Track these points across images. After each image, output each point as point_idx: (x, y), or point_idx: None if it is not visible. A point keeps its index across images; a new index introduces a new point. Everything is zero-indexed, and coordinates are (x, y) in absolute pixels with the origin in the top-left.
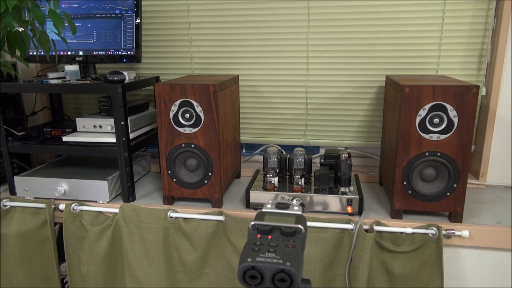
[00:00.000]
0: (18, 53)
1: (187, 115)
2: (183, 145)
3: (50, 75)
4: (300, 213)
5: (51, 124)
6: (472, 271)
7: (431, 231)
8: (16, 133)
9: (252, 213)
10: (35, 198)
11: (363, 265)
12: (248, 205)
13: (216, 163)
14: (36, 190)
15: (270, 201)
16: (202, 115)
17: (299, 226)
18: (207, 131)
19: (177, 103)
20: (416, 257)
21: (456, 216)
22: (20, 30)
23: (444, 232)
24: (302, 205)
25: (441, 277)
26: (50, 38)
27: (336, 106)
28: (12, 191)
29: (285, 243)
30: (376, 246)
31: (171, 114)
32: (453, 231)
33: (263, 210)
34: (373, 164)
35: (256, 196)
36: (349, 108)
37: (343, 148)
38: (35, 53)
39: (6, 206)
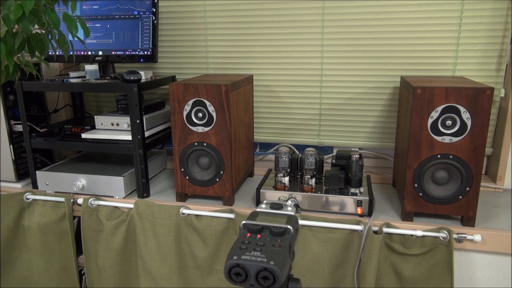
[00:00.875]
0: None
1: (200, 114)
2: (196, 144)
3: (71, 74)
4: (292, 213)
5: (72, 121)
6: (485, 277)
7: (442, 234)
8: (39, 129)
9: None
10: (56, 192)
11: (371, 266)
12: (258, 203)
13: (228, 161)
14: (56, 184)
15: (265, 201)
16: (214, 114)
17: (288, 226)
18: (219, 130)
19: (190, 102)
20: (426, 260)
21: (468, 220)
22: (40, 32)
23: (455, 236)
24: (296, 205)
25: (451, 281)
26: (68, 40)
27: (350, 106)
28: (34, 185)
29: (272, 243)
30: (385, 248)
31: (184, 113)
32: (465, 235)
33: (257, 210)
34: (387, 165)
35: (267, 195)
36: (363, 109)
37: (357, 149)
38: (52, 53)
39: (29, 199)
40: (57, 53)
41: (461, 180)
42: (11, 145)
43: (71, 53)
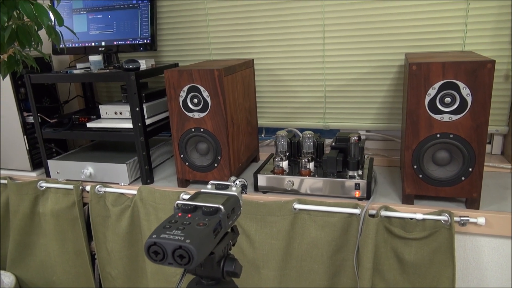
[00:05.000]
0: (39, 46)
1: (195, 100)
2: (193, 130)
3: (78, 65)
4: (234, 193)
5: (81, 112)
6: (492, 261)
7: (443, 217)
8: (49, 120)
9: (259, 196)
10: (66, 180)
11: (368, 250)
12: (256, 188)
13: (225, 147)
14: (67, 172)
15: (211, 182)
16: (209, 100)
17: (219, 206)
18: (214, 115)
19: (185, 88)
20: (427, 244)
21: (472, 202)
22: (28, 24)
23: (457, 219)
24: (244, 186)
25: (453, 265)
26: (59, 31)
27: (355, 87)
28: (47, 174)
29: (197, 222)
30: (385, 232)
31: (180, 100)
32: (468, 218)
33: (201, 190)
34: (395, 148)
35: (265, 179)
36: (369, 89)
37: (364, 131)
38: (56, 46)
39: (42, 187)
40: (58, 46)
41: (463, 160)
42: (25, 136)
43: (63, 44)
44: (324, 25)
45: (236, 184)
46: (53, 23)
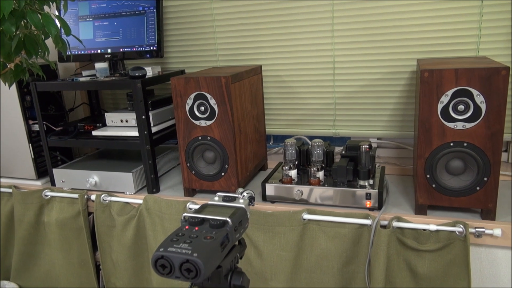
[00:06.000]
0: (46, 55)
1: (202, 108)
2: (200, 138)
3: (84, 73)
4: (241, 206)
5: (87, 119)
6: (509, 274)
7: (458, 228)
8: (55, 128)
9: (267, 206)
10: (72, 189)
11: (379, 262)
12: (264, 198)
13: (232, 155)
14: (72, 181)
15: (218, 194)
16: (216, 107)
17: (226, 219)
18: (221, 123)
19: (192, 96)
20: (442, 256)
21: (488, 213)
22: (35, 33)
23: (472, 230)
24: (251, 198)
25: (468, 279)
26: (66, 40)
27: (366, 93)
28: (52, 182)
29: (205, 235)
30: (398, 244)
31: (187, 107)
32: (483, 230)
33: (209, 202)
34: (408, 156)
35: (273, 188)
36: (380, 96)
37: (375, 139)
38: (62, 54)
39: (47, 196)
40: (64, 54)
41: (478, 169)
42: (30, 144)
43: (69, 52)
44: (334, 30)
45: (244, 196)
46: (60, 33)
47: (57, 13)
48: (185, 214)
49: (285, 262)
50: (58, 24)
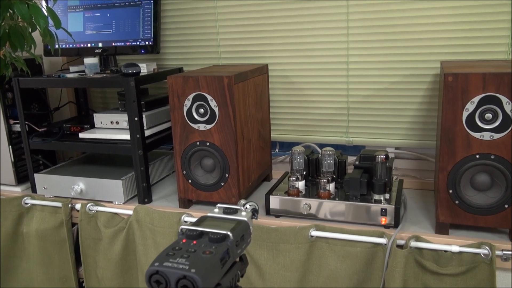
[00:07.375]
0: (32, 49)
1: (201, 110)
2: (198, 143)
3: (71, 68)
4: (244, 219)
5: (73, 120)
6: None
7: (483, 250)
8: (38, 129)
9: (271, 221)
10: (54, 196)
11: (395, 286)
12: (268, 211)
13: (233, 163)
14: (55, 188)
15: (219, 205)
16: (216, 110)
17: (227, 232)
18: (222, 128)
19: (190, 97)
20: (464, 281)
21: None
22: (21, 25)
23: (499, 253)
24: (254, 210)
25: None
26: (54, 32)
27: (383, 98)
28: (34, 189)
29: (204, 250)
30: (416, 266)
31: (185, 109)
32: (511, 252)
33: (208, 214)
34: (429, 168)
35: (278, 201)
36: (399, 101)
37: (393, 149)
38: (49, 47)
39: (27, 204)
40: (52, 48)
41: (506, 185)
42: (10, 146)
43: (57, 46)
44: (349, 28)
45: (246, 208)
46: (49, 25)
47: (45, 4)
48: (183, 226)
49: (290, 284)
50: (47, 16)
